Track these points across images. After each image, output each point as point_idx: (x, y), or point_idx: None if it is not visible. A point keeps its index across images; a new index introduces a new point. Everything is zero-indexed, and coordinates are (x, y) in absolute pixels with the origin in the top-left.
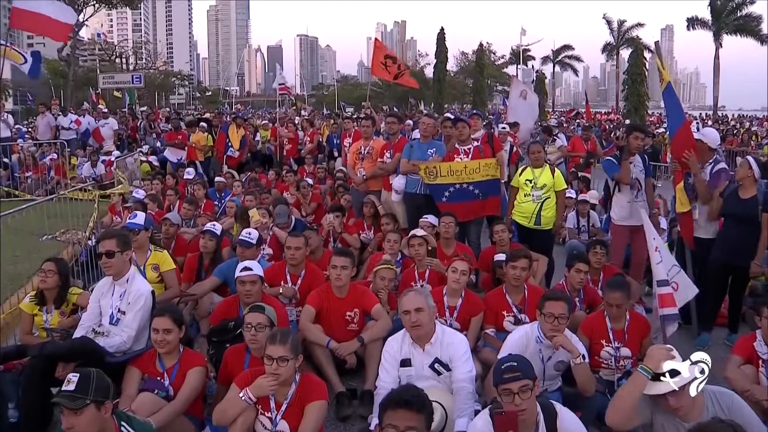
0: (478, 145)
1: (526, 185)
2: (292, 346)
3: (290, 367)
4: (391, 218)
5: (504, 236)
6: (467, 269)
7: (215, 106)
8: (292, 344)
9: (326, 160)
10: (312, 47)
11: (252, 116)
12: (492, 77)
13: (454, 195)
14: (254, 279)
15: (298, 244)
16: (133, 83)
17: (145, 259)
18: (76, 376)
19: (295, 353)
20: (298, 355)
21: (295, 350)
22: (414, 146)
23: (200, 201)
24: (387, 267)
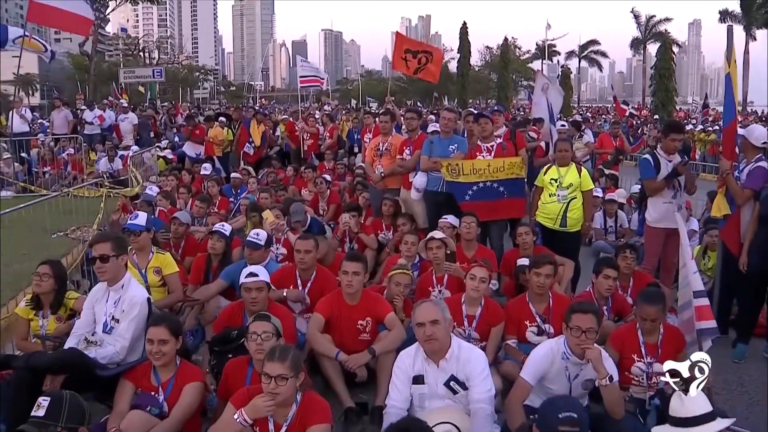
0: (501, 143)
1: (550, 185)
2: (292, 364)
3: (290, 387)
4: (408, 218)
5: (527, 239)
6: (487, 276)
7: (239, 100)
8: (293, 361)
9: (347, 156)
10: (336, 42)
11: (274, 111)
12: (517, 72)
13: (478, 193)
14: (260, 286)
15: (307, 247)
16: (153, 77)
17: (147, 261)
18: (46, 400)
19: (295, 371)
20: (299, 374)
21: (296, 368)
22: (434, 142)
23: (215, 198)
24: (402, 272)
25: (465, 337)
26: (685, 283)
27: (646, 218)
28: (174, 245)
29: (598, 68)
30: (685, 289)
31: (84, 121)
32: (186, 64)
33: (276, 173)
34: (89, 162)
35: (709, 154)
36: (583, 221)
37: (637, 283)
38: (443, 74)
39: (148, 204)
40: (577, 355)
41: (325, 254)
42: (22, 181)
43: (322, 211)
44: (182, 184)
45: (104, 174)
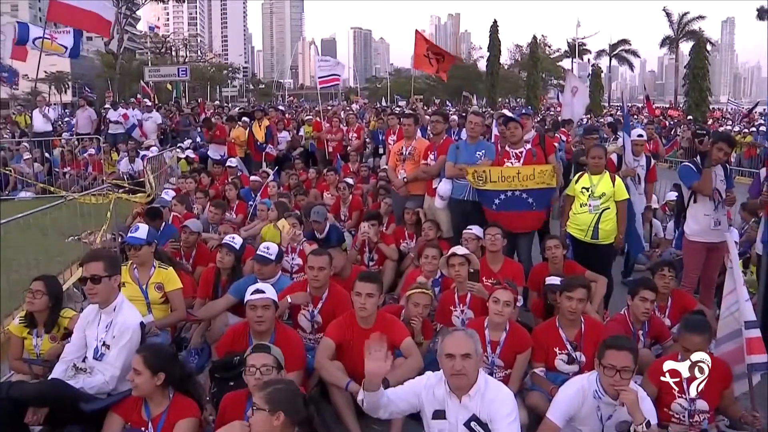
0: (531, 149)
1: (582, 194)
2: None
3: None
4: (434, 224)
5: (557, 253)
6: (512, 299)
7: (268, 98)
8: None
9: (372, 157)
10: (366, 40)
11: (300, 110)
12: (546, 71)
13: (505, 203)
14: (267, 303)
15: (321, 263)
16: (179, 76)
17: (149, 277)
18: None
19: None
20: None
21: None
22: (460, 147)
23: (232, 202)
24: (422, 291)
25: (488, 364)
26: (732, 310)
27: (685, 231)
28: (185, 254)
29: (629, 67)
30: (729, 318)
31: (108, 121)
32: (214, 62)
33: (298, 175)
34: (111, 162)
35: (744, 157)
36: (617, 234)
37: (676, 303)
38: (473, 73)
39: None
40: (610, 395)
41: (342, 268)
42: (43, 181)
43: (343, 216)
44: (200, 188)
45: (124, 175)
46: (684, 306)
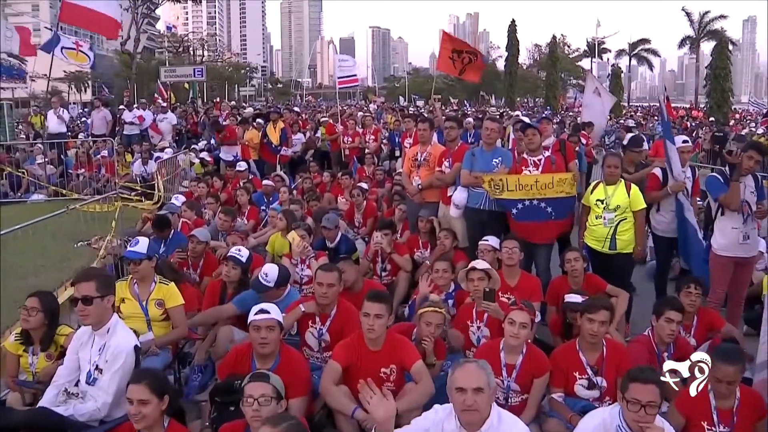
0: (550, 156)
1: (597, 206)
2: None
3: None
4: (451, 234)
5: (577, 266)
6: (528, 321)
7: (287, 97)
8: None
9: (389, 160)
10: (384, 39)
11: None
12: (565, 71)
13: (524, 212)
14: (271, 324)
15: (330, 280)
16: (194, 76)
17: (149, 292)
18: None
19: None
20: None
21: None
22: (476, 155)
23: (243, 207)
24: (434, 310)
25: (504, 388)
26: None
27: (712, 245)
28: (192, 264)
29: (648, 67)
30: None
31: (123, 122)
32: (231, 62)
33: (312, 179)
34: (125, 164)
35: None
36: (635, 245)
37: (703, 321)
38: (491, 72)
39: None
40: (634, 431)
41: (354, 281)
42: (55, 184)
43: (357, 222)
44: (215, 190)
45: (137, 177)
46: (711, 325)
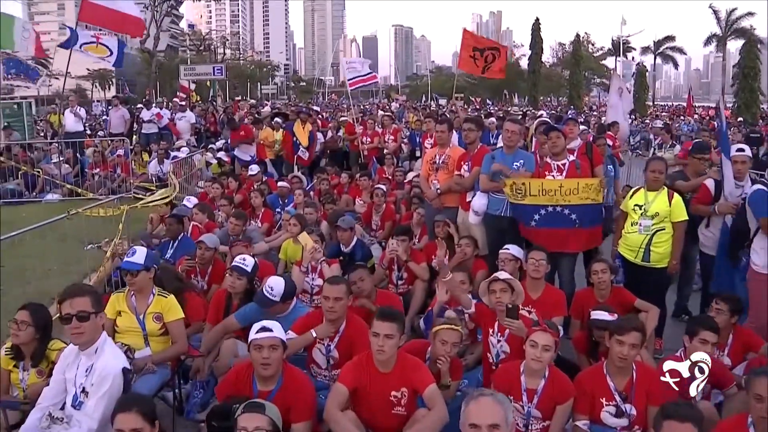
0: (575, 160)
1: (634, 212)
2: None
3: None
4: (472, 241)
5: (604, 278)
6: (552, 344)
7: (309, 95)
8: None
9: (409, 160)
10: (407, 37)
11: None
12: (589, 69)
13: (546, 219)
14: (274, 344)
15: (338, 294)
16: (214, 74)
17: (147, 305)
18: None
19: None
20: None
21: None
22: (497, 158)
23: (258, 210)
24: (450, 328)
25: (524, 415)
26: None
27: (752, 262)
28: (200, 271)
29: (673, 65)
30: None
31: (142, 120)
32: (253, 60)
33: (329, 179)
34: (142, 163)
35: None
36: (671, 258)
37: (738, 340)
38: (514, 71)
39: (179, 220)
40: None
41: (370, 291)
42: (72, 183)
43: (375, 225)
44: (230, 191)
45: (152, 177)
46: (748, 344)
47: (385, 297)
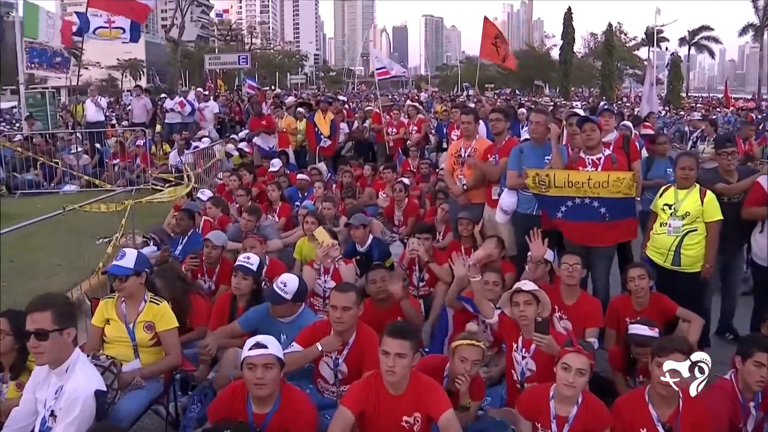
0: (611, 154)
1: (663, 211)
2: None
3: None
4: (499, 242)
5: (643, 284)
6: (587, 367)
7: (338, 85)
8: None
9: (436, 152)
10: (437, 27)
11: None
12: (622, 60)
13: (573, 211)
14: (269, 362)
15: (346, 302)
16: (239, 64)
17: (137, 313)
18: None
19: None
20: None
21: None
22: (525, 151)
23: (275, 204)
24: (471, 343)
25: None
26: None
27: None
28: (207, 271)
29: (709, 55)
30: None
31: (165, 110)
32: (281, 50)
33: (352, 171)
34: (163, 154)
35: None
36: (704, 262)
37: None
38: (546, 61)
39: (191, 215)
40: None
41: (388, 295)
42: (90, 174)
43: (397, 221)
44: (245, 183)
45: (172, 168)
46: None
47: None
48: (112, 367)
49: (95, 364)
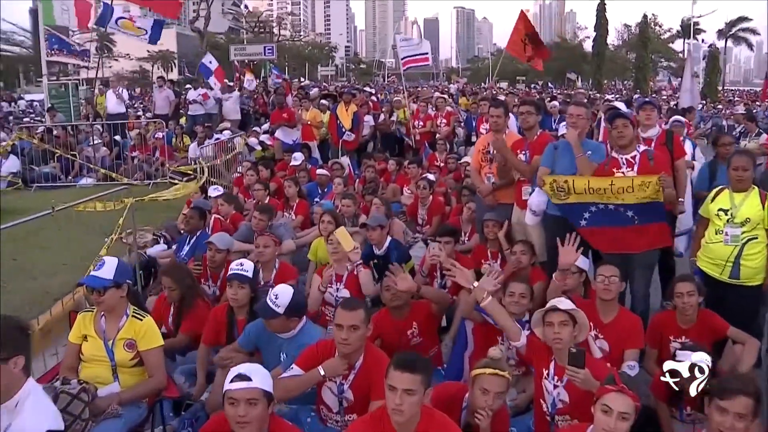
0: (647, 150)
1: (718, 217)
2: None
3: None
4: (528, 248)
5: (691, 302)
6: (631, 411)
7: (368, 77)
8: None
9: (465, 146)
10: (468, 20)
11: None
12: (656, 52)
13: (597, 216)
14: (253, 397)
15: (353, 321)
16: (264, 55)
17: (117, 329)
18: None
19: None
20: None
21: None
22: (560, 148)
23: (292, 200)
24: (494, 372)
25: None
26: None
27: None
28: (212, 275)
29: (748, 46)
30: None
31: (188, 101)
32: (310, 41)
33: (375, 166)
34: (184, 146)
35: None
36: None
37: None
38: (578, 54)
39: (201, 213)
40: None
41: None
42: (108, 167)
43: (421, 220)
44: (261, 178)
45: (192, 161)
46: None
47: (422, 309)
48: (83, 393)
49: (63, 391)
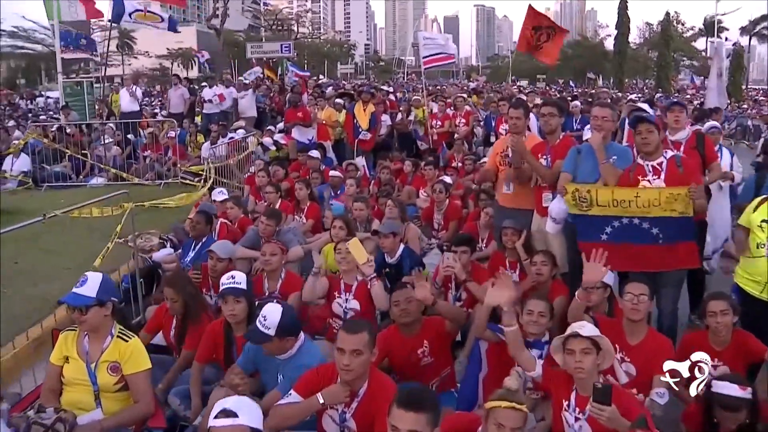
0: (675, 155)
1: (760, 229)
2: None
3: None
4: (549, 259)
5: (725, 321)
6: None
7: (388, 75)
8: None
9: (483, 146)
10: (488, 18)
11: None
12: (679, 51)
13: (619, 231)
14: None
15: (356, 345)
16: (281, 52)
17: (101, 351)
18: None
19: None
20: None
21: None
22: (583, 152)
23: (302, 203)
24: (510, 405)
25: None
26: None
27: None
28: (213, 285)
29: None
30: None
31: (203, 100)
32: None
33: (390, 167)
34: (197, 145)
35: None
36: None
37: None
38: (599, 52)
39: (208, 218)
40: None
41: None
42: (119, 166)
43: (437, 225)
44: (275, 179)
45: (204, 160)
46: None
47: (434, 326)
48: (58, 424)
49: (35, 421)
